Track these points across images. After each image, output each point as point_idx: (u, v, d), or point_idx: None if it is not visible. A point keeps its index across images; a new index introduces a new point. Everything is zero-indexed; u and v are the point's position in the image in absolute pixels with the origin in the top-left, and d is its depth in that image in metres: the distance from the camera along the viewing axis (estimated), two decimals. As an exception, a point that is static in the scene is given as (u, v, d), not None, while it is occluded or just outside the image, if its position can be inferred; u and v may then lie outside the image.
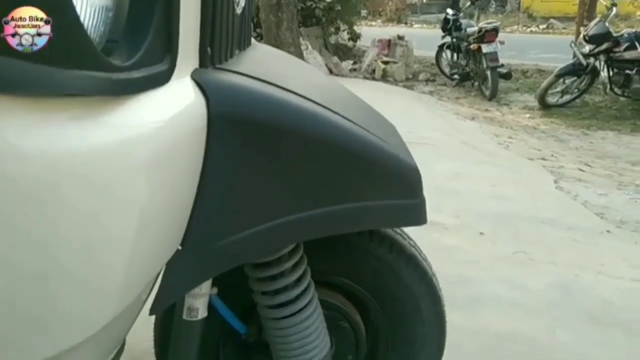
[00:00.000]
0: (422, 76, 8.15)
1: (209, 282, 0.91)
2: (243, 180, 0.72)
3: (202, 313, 0.94)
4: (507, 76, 6.75)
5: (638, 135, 5.17)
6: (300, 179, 0.76)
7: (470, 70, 7.19)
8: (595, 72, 5.92)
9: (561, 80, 6.11)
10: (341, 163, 0.78)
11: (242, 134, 0.70)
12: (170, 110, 0.60)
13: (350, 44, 9.45)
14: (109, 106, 0.51)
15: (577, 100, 6.22)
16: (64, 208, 0.47)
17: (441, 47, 8.05)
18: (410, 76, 8.14)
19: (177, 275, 0.70)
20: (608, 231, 2.78)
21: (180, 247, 0.70)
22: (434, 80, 8.02)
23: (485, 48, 6.47)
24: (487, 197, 3.09)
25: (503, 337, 1.73)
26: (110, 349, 0.77)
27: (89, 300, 0.54)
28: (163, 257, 0.65)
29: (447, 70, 8.01)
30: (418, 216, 0.86)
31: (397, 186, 0.83)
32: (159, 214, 0.60)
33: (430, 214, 0.91)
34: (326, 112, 0.78)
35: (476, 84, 7.21)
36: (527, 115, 6.05)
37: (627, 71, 5.63)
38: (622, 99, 5.99)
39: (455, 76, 7.65)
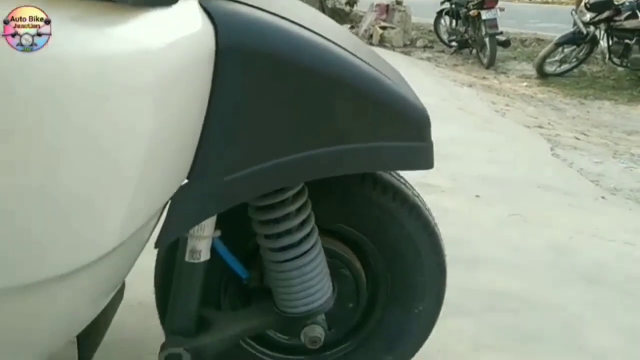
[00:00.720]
0: (419, 42, 8.05)
1: (212, 224, 0.90)
2: (250, 114, 0.70)
3: (205, 255, 0.93)
4: (505, 44, 6.68)
5: (635, 105, 5.16)
6: (308, 116, 0.74)
7: (469, 37, 7.10)
8: (594, 41, 5.87)
9: (560, 48, 6.06)
10: (350, 101, 0.76)
11: (250, 66, 0.68)
12: (177, 32, 0.58)
13: (348, 8, 9.29)
14: (115, 17, 0.48)
15: (575, 70, 6.19)
16: (67, 119, 0.45)
17: (440, 14, 7.93)
18: (408, 42, 8.03)
19: (183, 209, 0.68)
20: (603, 197, 2.80)
21: (186, 180, 0.68)
22: (431, 47, 7.92)
23: (484, 14, 6.38)
24: (484, 162, 3.10)
25: (497, 296, 1.74)
26: (110, 287, 0.76)
27: (92, 223, 0.52)
28: (169, 187, 0.64)
29: (445, 37, 7.91)
30: (426, 160, 0.85)
31: (406, 128, 0.82)
32: (165, 140, 0.58)
33: (426, 177, 0.90)
34: (337, 48, 0.76)
35: (474, 51, 7.14)
36: (525, 83, 6.01)
37: (627, 40, 5.59)
38: (620, 69, 5.96)
39: (454, 43, 7.55)
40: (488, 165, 3.04)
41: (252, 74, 0.68)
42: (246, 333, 1.06)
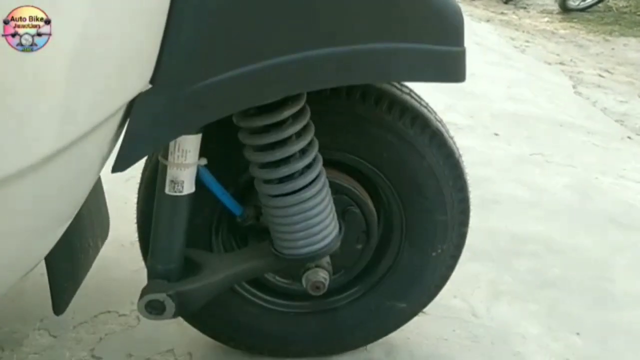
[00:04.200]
0: (434, -24, 7.65)
1: (195, 150, 0.75)
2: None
3: (188, 188, 0.79)
4: (526, -24, 6.29)
5: (663, 43, 4.87)
6: (306, 2, 0.56)
7: (487, -30, 6.70)
8: (623, -27, 5.49)
9: (585, -20, 5.69)
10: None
11: None
12: None
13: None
14: None
15: (600, 5, 5.85)
16: None
17: (457, -56, 7.47)
18: (422, -24, 7.63)
19: (147, 122, 0.53)
20: (629, 137, 2.66)
21: (150, 85, 0.53)
22: (447, -19, 7.54)
23: (505, -57, 5.97)
24: (503, 99, 2.94)
25: (519, 237, 1.64)
26: (66, 202, 0.61)
27: (23, 125, 0.38)
28: (123, 87, 0.48)
29: (461, -30, 7.49)
30: (457, 70, 0.68)
31: (435, 26, 0.64)
32: (111, 21, 0.42)
33: (442, 114, 0.75)
34: None
35: (492, -15, 6.76)
36: (546, 19, 5.71)
37: (658, -28, 5.22)
38: (648, 3, 5.61)
39: (471, -24, 7.15)
40: (507, 102, 2.89)
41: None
42: (239, 278, 0.93)
